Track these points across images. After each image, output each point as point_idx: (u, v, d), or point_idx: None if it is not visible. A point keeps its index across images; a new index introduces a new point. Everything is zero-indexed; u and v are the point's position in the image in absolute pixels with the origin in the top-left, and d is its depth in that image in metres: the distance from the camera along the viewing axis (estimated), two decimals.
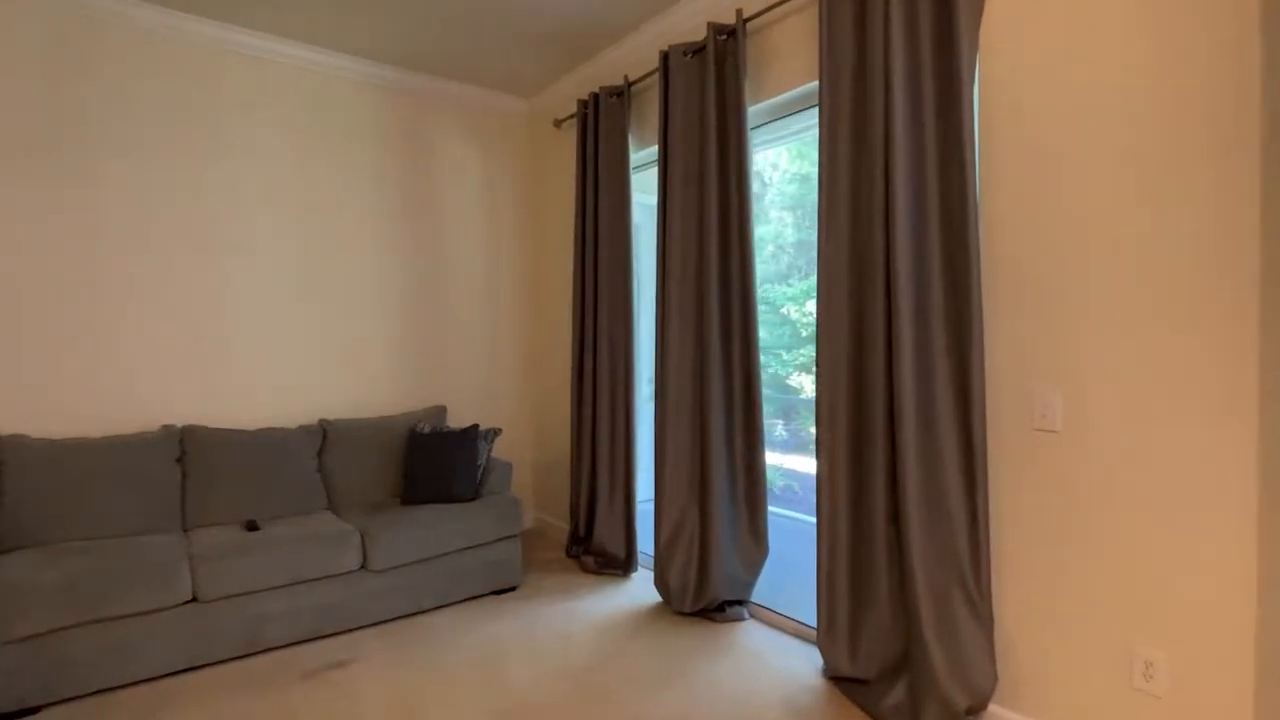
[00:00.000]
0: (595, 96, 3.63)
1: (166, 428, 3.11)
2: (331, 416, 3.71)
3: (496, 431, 3.64)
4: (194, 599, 2.55)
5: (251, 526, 2.95)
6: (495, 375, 4.36)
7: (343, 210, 3.73)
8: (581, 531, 3.79)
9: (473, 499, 3.36)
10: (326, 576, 2.82)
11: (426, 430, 3.52)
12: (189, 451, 3.10)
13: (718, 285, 2.93)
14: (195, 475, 3.06)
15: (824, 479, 2.40)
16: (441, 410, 3.91)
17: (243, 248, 3.43)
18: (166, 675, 2.52)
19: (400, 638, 2.86)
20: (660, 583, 3.13)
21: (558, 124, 4.02)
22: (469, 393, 4.24)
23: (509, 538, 3.35)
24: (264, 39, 3.42)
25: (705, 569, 2.97)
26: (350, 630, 2.91)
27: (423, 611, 3.10)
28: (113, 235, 3.10)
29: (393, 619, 3.02)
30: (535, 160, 4.43)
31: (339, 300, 3.73)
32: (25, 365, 2.92)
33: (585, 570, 3.65)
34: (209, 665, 2.60)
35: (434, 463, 3.40)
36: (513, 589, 3.40)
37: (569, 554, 3.83)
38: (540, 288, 4.45)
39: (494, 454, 4.34)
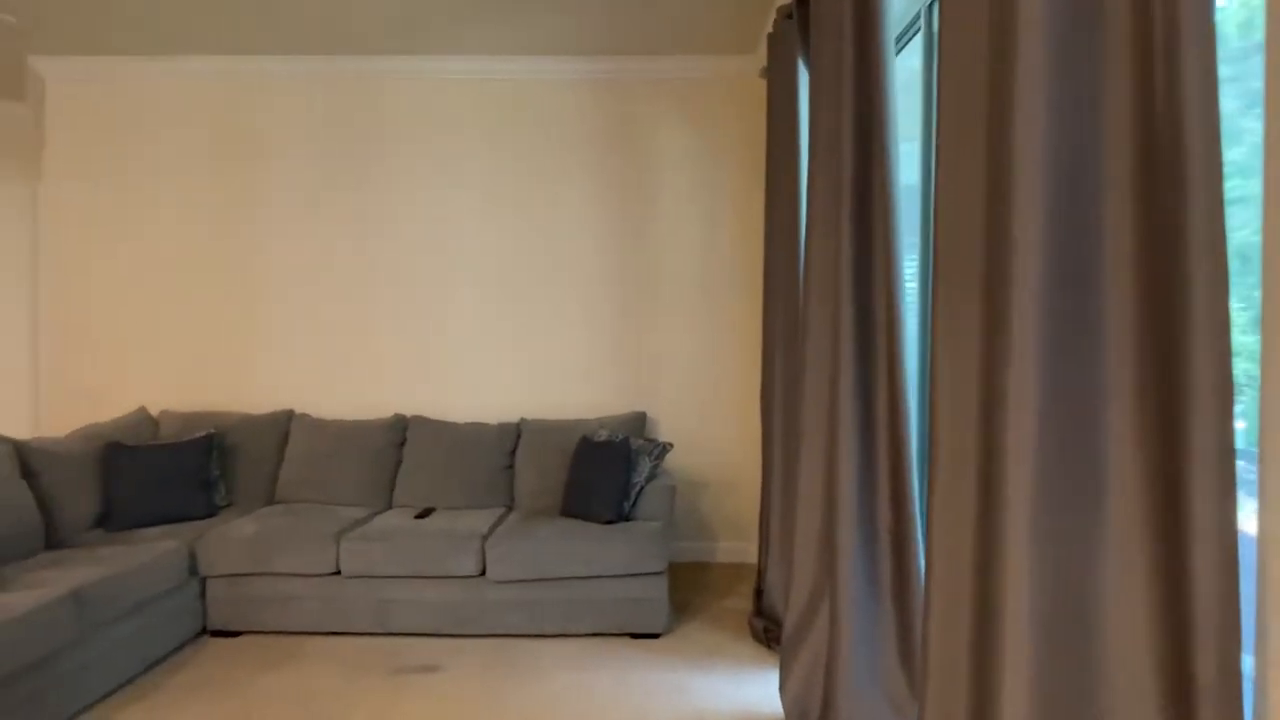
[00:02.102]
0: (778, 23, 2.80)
1: (398, 416, 3.60)
2: (533, 416, 3.78)
3: (663, 446, 3.15)
4: (338, 571, 2.85)
5: (423, 514, 3.17)
6: (709, 381, 3.81)
7: (550, 212, 3.76)
8: (763, 584, 2.99)
9: (613, 520, 2.96)
10: (446, 576, 2.83)
11: (600, 438, 3.26)
12: (409, 439, 3.53)
13: (851, 263, 1.88)
14: (408, 460, 3.47)
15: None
16: (639, 417, 3.59)
17: (462, 255, 3.76)
18: (313, 633, 2.87)
19: (502, 657, 2.68)
20: (781, 686, 2.19)
21: (764, 74, 3.26)
22: (676, 400, 3.81)
23: (648, 574, 2.83)
24: (467, 60, 3.69)
25: (831, 691, 1.94)
26: (462, 635, 2.86)
27: (539, 635, 2.86)
28: (369, 257, 3.76)
29: (506, 635, 2.86)
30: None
31: (547, 300, 3.77)
32: (311, 358, 3.77)
33: (754, 635, 2.85)
34: (344, 634, 2.87)
35: (586, 475, 3.12)
36: (654, 636, 2.86)
37: (756, 611, 3.06)
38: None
39: (678, 472, 3.80)
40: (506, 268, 3.77)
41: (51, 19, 3.28)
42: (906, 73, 2.26)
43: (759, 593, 3.01)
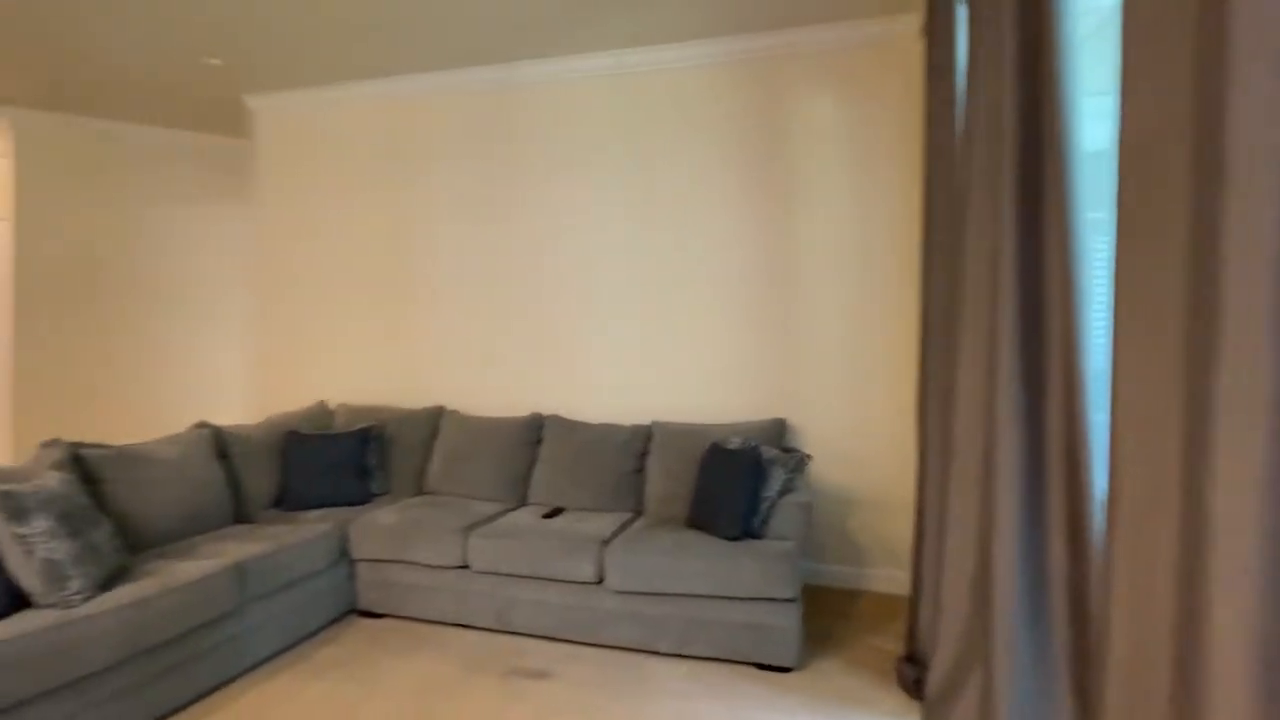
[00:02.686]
0: None
1: (535, 414, 3.65)
2: (666, 419, 3.62)
3: (799, 458, 2.84)
4: (465, 566, 2.91)
5: (552, 513, 3.16)
6: (860, 387, 3.38)
7: (686, 206, 3.59)
8: (916, 624, 2.55)
9: (738, 537, 2.70)
10: (565, 580, 2.76)
11: (731, 445, 3.03)
12: (545, 437, 3.56)
13: (1014, 250, 1.48)
14: (543, 458, 3.49)
15: None
16: (777, 425, 3.29)
17: (598, 255, 3.72)
18: (442, 623, 2.95)
19: (615, 671, 2.55)
20: None
21: (925, 32, 2.81)
22: (822, 407, 3.43)
23: (777, 600, 2.54)
24: (596, 57, 3.63)
25: None
26: (578, 643, 2.77)
27: (655, 653, 2.68)
28: (512, 260, 3.86)
29: (621, 647, 2.72)
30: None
31: (683, 299, 3.61)
32: (461, 357, 3.95)
33: (902, 684, 2.44)
34: (469, 627, 2.92)
35: (713, 484, 2.90)
36: (783, 670, 2.56)
37: (907, 655, 2.63)
38: None
39: (823, 486, 3.38)
40: (643, 267, 3.66)
41: (258, 63, 3.77)
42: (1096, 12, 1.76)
43: (911, 633, 2.58)
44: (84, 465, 2.59)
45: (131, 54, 3.67)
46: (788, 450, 3.08)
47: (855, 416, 3.39)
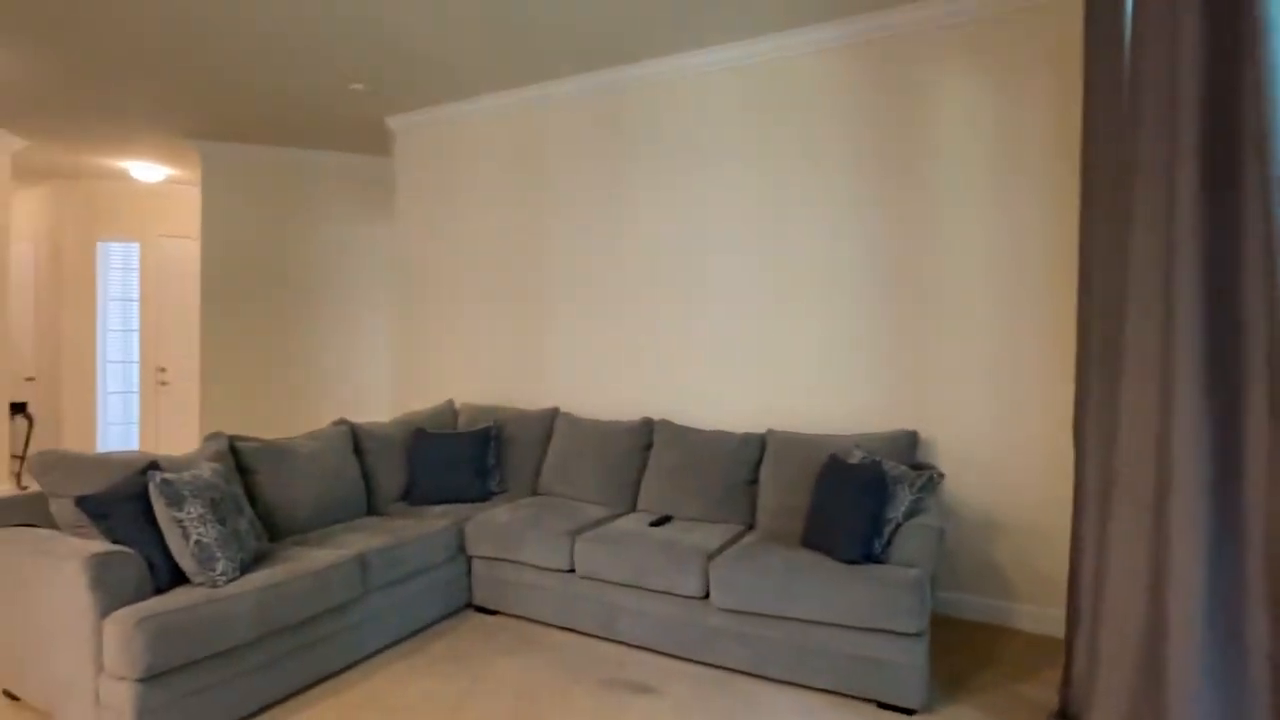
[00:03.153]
0: None
1: (645, 419, 3.60)
2: (782, 427, 3.42)
3: (929, 475, 2.56)
4: (572, 570, 2.90)
5: (659, 521, 3.08)
6: (1008, 398, 2.99)
7: (809, 202, 3.38)
8: (1071, 674, 2.19)
9: (857, 560, 2.47)
10: (668, 593, 2.67)
11: (852, 459, 2.80)
12: (655, 442, 3.50)
13: (1196, 245, 1.19)
14: (653, 464, 3.43)
15: None
16: (907, 438, 3.00)
17: (718, 255, 3.60)
18: (551, 625, 2.96)
19: (719, 694, 2.42)
20: None
21: None
22: (962, 419, 3.07)
23: (899, 634, 2.29)
24: (718, 51, 3.50)
25: None
26: (683, 659, 2.66)
27: (763, 677, 2.51)
28: (631, 263, 3.83)
29: (728, 668, 2.57)
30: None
31: (803, 302, 3.40)
32: (577, 359, 3.99)
33: None
34: (575, 631, 2.90)
35: (830, 501, 2.68)
36: (907, 712, 2.30)
37: (1060, 710, 2.27)
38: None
39: (964, 508, 2.99)
40: (761, 267, 3.49)
41: (395, 86, 4.04)
42: None
43: (1066, 684, 2.21)
44: (238, 457, 2.87)
45: (290, 88, 4.08)
46: (917, 467, 2.79)
47: (1003, 432, 3.00)
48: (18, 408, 6.70)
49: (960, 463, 3.06)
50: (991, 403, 3.02)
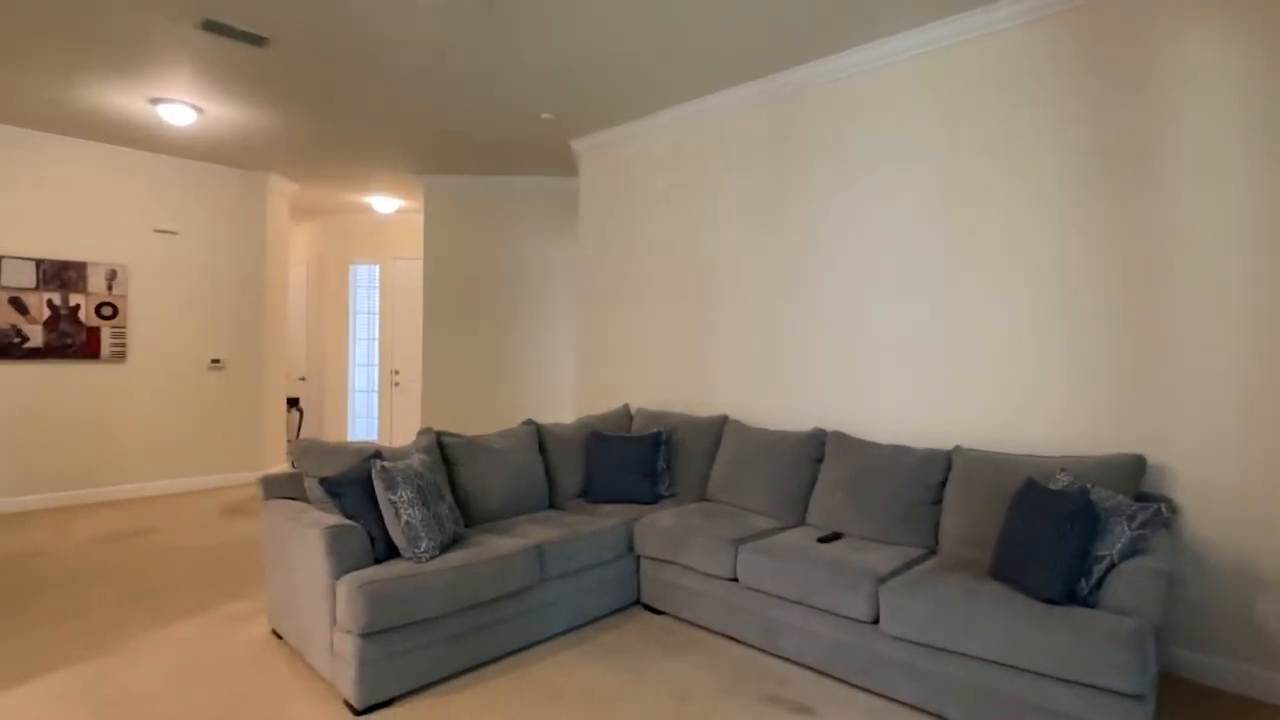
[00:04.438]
0: None
1: (817, 429, 3.48)
2: (972, 444, 3.10)
3: (1156, 509, 2.18)
4: (735, 579, 2.88)
5: (828, 538, 2.97)
6: (1273, 421, 2.43)
7: (1005, 193, 3.04)
8: None
9: (1058, 600, 2.16)
10: (834, 613, 2.55)
11: (1055, 485, 2.48)
12: (827, 455, 3.37)
13: None
14: (824, 477, 3.31)
15: None
16: (1132, 463, 2.57)
17: (892, 257, 3.38)
18: (714, 631, 2.97)
19: None
20: None
21: None
22: (1209, 445, 2.55)
23: (1113, 692, 1.97)
24: (894, 41, 3.28)
25: None
26: (848, 684, 2.51)
27: (935, 715, 2.29)
28: (802, 268, 3.74)
29: (897, 701, 2.38)
30: None
31: (996, 305, 3.07)
32: (746, 367, 3.96)
33: None
34: (737, 641, 2.87)
35: (1026, 530, 2.38)
36: None
37: None
38: None
39: (1212, 551, 2.44)
40: (948, 268, 3.21)
41: (577, 111, 4.35)
42: None
43: None
44: (443, 450, 3.27)
45: (493, 123, 4.57)
46: (1143, 498, 2.38)
47: (1262, 459, 2.45)
48: (292, 402, 8.23)
49: (1204, 496, 2.55)
50: (1246, 422, 2.47)
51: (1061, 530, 2.23)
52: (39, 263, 5.04)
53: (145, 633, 2.93)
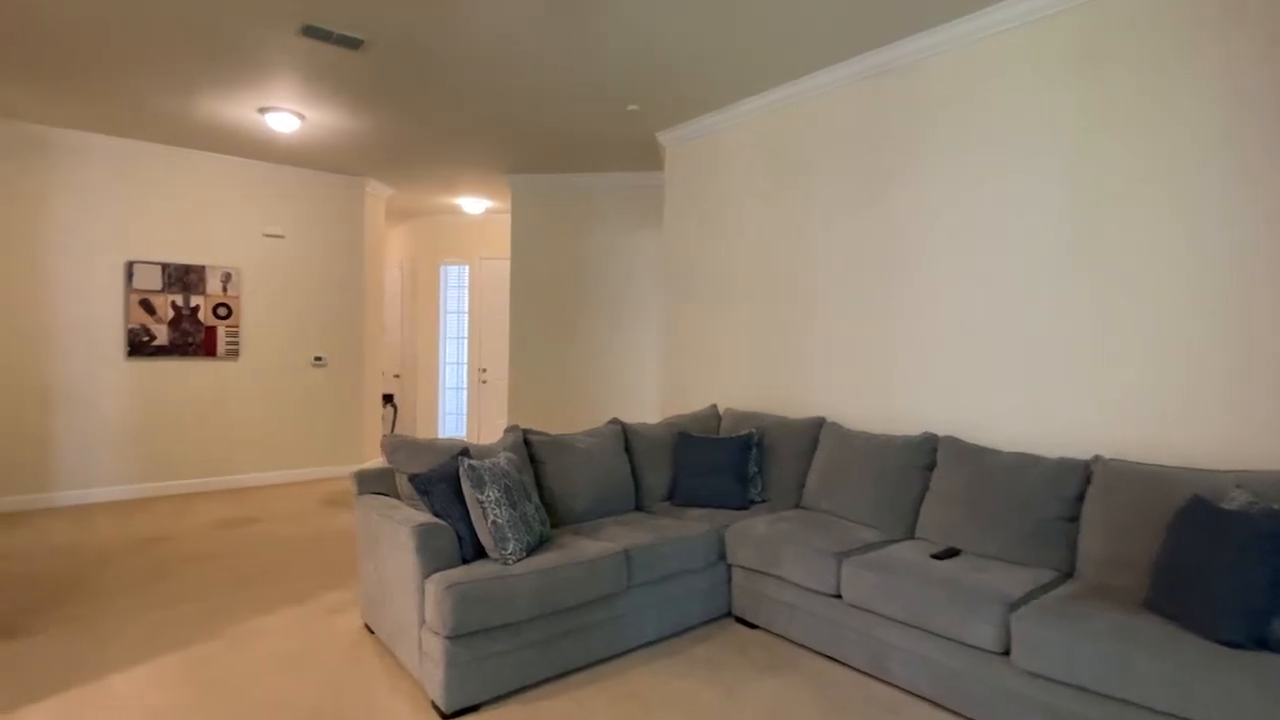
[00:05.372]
0: None
1: (927, 434, 3.18)
2: (1114, 454, 2.73)
3: None
4: (838, 595, 2.66)
5: (944, 554, 2.69)
6: None
7: (1144, 174, 2.65)
8: None
9: (1239, 644, 1.82)
10: (954, 639, 2.28)
11: (1230, 504, 2.12)
12: (939, 462, 3.08)
13: None
14: (936, 486, 3.02)
15: None
16: None
17: (1008, 245, 3.03)
18: (813, 650, 2.75)
19: None
20: None
21: None
22: None
23: None
24: (999, 8, 2.92)
25: None
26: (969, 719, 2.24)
27: None
28: (907, 264, 3.44)
29: None
30: None
31: (1134, 300, 2.68)
32: (844, 366, 3.69)
33: None
34: (840, 663, 2.64)
35: (1194, 558, 2.04)
36: None
37: None
38: None
39: None
40: (1079, 253, 2.84)
41: (665, 101, 4.21)
42: None
43: None
44: (530, 448, 3.21)
45: (578, 116, 4.50)
46: None
47: None
48: (387, 398, 8.53)
49: None
50: None
51: (1245, 559, 1.88)
52: (164, 266, 5.42)
53: (250, 618, 3.03)
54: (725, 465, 3.51)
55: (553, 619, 2.49)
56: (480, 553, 2.53)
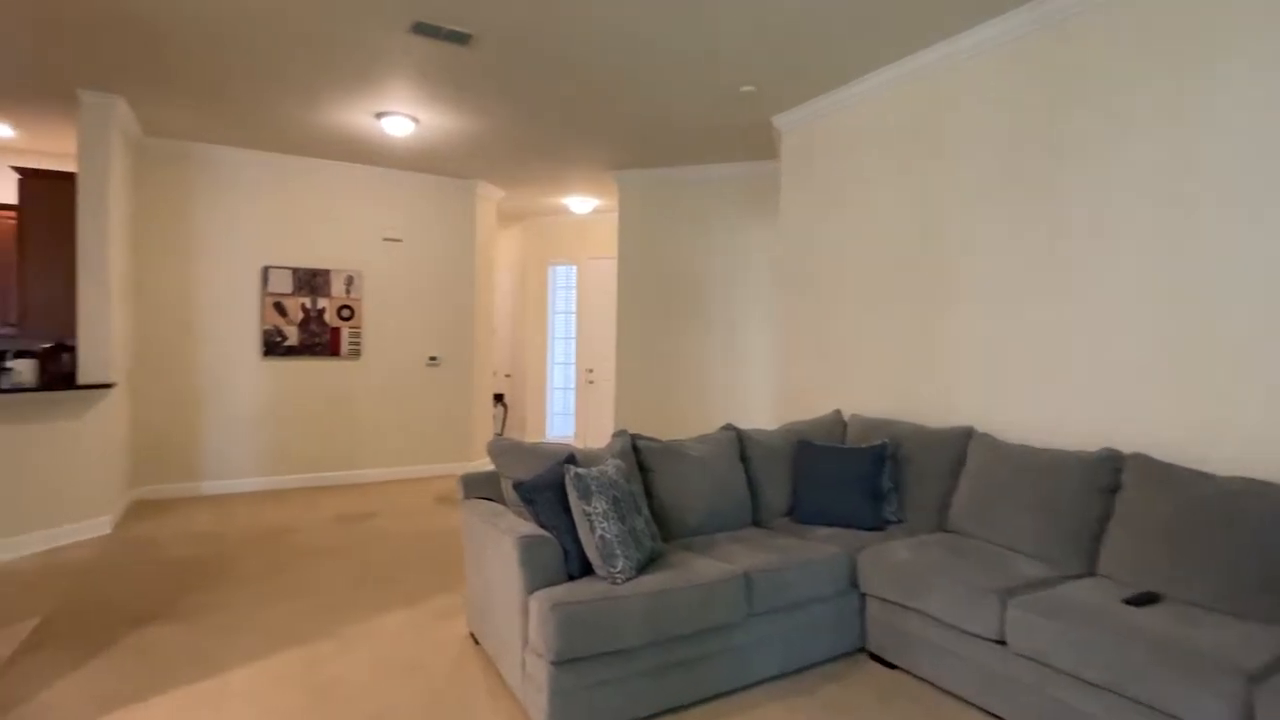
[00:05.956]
0: None
1: (1109, 452, 2.66)
2: None
3: None
4: (1002, 641, 2.23)
5: (1140, 599, 2.20)
6: None
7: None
8: None
9: None
10: (1162, 711, 1.82)
11: None
12: (1127, 484, 2.55)
13: None
14: (1124, 514, 2.50)
15: None
16: None
17: (1199, 225, 2.46)
18: (971, 704, 2.33)
19: None
20: None
21: None
22: None
23: None
24: None
25: None
26: None
27: None
28: (1072, 252, 2.91)
29: None
30: None
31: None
32: (995, 370, 3.19)
33: None
34: (1000, 719, 2.22)
35: None
36: None
37: None
38: None
39: None
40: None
41: (783, 79, 3.87)
42: None
43: None
44: (639, 455, 2.99)
45: (691, 101, 4.25)
46: None
47: None
48: (498, 398, 8.67)
49: None
50: None
51: None
52: (294, 271, 5.71)
53: (362, 619, 3.02)
54: (854, 479, 3.13)
55: (665, 647, 2.25)
56: (587, 568, 2.34)
